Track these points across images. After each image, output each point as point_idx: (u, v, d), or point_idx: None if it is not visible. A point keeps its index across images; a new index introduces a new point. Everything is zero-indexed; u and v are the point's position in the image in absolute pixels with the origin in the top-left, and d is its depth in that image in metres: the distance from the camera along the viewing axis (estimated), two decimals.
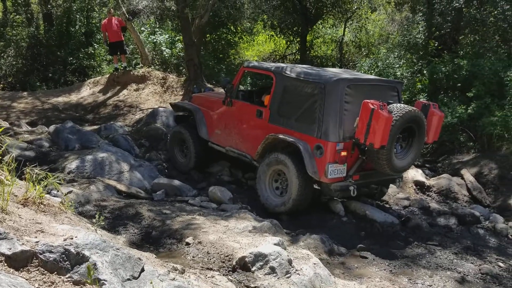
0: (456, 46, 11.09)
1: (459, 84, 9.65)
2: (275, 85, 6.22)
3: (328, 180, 5.56)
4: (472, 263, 5.01)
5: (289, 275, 3.67)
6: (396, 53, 12.51)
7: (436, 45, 10.98)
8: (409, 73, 11.09)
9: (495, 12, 10.04)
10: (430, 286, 4.24)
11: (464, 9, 10.51)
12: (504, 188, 7.34)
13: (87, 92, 12.88)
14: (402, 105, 5.53)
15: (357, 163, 5.74)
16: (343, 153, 5.53)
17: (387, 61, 12.04)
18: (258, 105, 6.56)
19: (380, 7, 17.91)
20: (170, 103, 8.40)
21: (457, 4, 9.99)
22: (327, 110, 5.50)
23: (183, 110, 7.86)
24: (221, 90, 9.52)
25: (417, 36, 11.75)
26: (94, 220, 3.50)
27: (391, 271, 4.49)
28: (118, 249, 2.74)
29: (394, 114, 5.27)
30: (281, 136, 5.96)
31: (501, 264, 5.09)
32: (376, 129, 5.14)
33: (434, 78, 10.07)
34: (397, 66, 11.61)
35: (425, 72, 10.51)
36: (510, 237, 6.16)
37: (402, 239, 5.57)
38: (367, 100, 5.27)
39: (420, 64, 11.17)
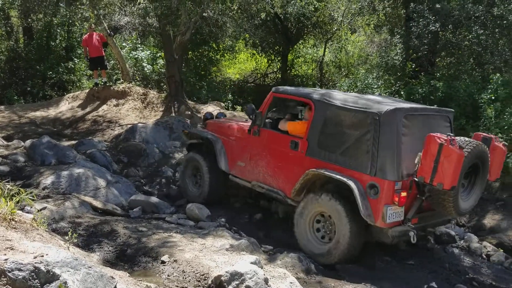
0: (433, 68, 11.36)
1: (435, 105, 9.87)
2: (315, 113, 5.53)
3: (386, 224, 4.83)
4: (447, 282, 5.06)
5: None
6: (374, 74, 12.75)
7: (413, 67, 11.23)
8: (387, 93, 11.29)
9: (470, 36, 10.36)
10: None
11: (440, 33, 10.81)
12: (478, 208, 7.46)
13: (66, 107, 12.74)
14: (467, 139, 4.88)
15: (415, 204, 5.01)
16: (403, 194, 4.82)
17: (366, 82, 12.25)
18: (292, 135, 5.81)
19: (360, 29, 18.29)
20: (184, 131, 7.81)
21: (433, 28, 10.27)
22: (382, 144, 4.86)
23: (200, 138, 7.18)
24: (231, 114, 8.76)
25: (395, 57, 12.01)
26: (66, 238, 3.44)
27: None
28: (90, 267, 2.70)
29: (464, 149, 4.64)
30: (325, 172, 5.22)
31: (475, 283, 5.17)
32: (447, 168, 4.52)
33: (411, 99, 10.26)
34: (375, 86, 11.82)
35: (402, 93, 10.72)
36: (484, 256, 6.25)
37: (379, 258, 5.60)
38: (433, 134, 4.68)
39: (398, 85, 11.39)
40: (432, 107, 5.79)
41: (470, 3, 10.03)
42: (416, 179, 4.81)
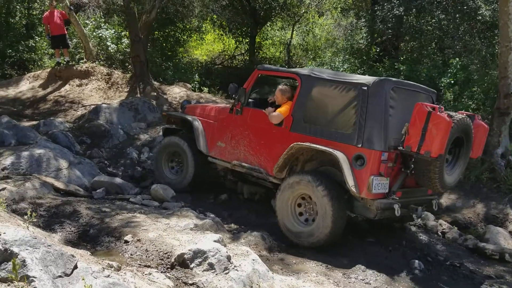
0: (396, 52, 11.61)
1: None
2: (301, 88, 5.53)
3: (372, 195, 4.81)
4: (403, 258, 5.29)
5: (227, 271, 3.72)
6: (341, 57, 12.91)
7: (377, 50, 11.44)
8: None
9: (432, 21, 10.61)
10: (363, 279, 4.44)
11: (404, 17, 11.02)
12: None
13: (26, 87, 12.33)
14: (453, 112, 4.91)
15: (400, 177, 5.05)
16: (389, 164, 4.85)
17: (332, 65, 12.40)
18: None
19: (327, 12, 18.38)
20: (163, 113, 7.63)
21: (397, 12, 10.46)
22: (370, 114, 4.86)
23: (180, 121, 7.01)
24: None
25: (360, 41, 12.19)
26: (25, 217, 3.40)
27: (327, 266, 4.65)
28: (49, 245, 2.69)
29: (452, 119, 4.64)
30: (310, 145, 5.16)
31: (429, 259, 5.43)
32: (435, 135, 4.51)
33: None
34: (341, 70, 11.98)
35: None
36: (440, 234, 6.54)
37: (341, 236, 5.75)
38: (422, 102, 4.73)
39: (363, 68, 11.59)
40: (419, 84, 5.86)
41: None
42: (403, 149, 4.78)
